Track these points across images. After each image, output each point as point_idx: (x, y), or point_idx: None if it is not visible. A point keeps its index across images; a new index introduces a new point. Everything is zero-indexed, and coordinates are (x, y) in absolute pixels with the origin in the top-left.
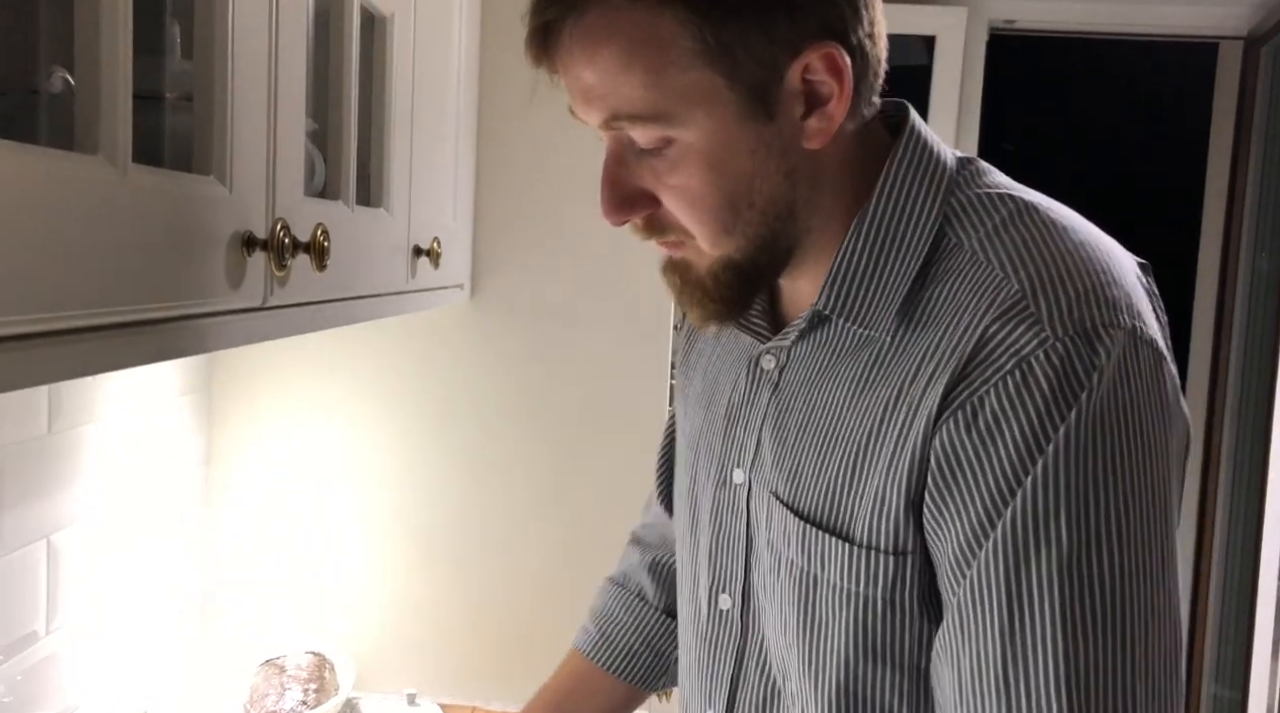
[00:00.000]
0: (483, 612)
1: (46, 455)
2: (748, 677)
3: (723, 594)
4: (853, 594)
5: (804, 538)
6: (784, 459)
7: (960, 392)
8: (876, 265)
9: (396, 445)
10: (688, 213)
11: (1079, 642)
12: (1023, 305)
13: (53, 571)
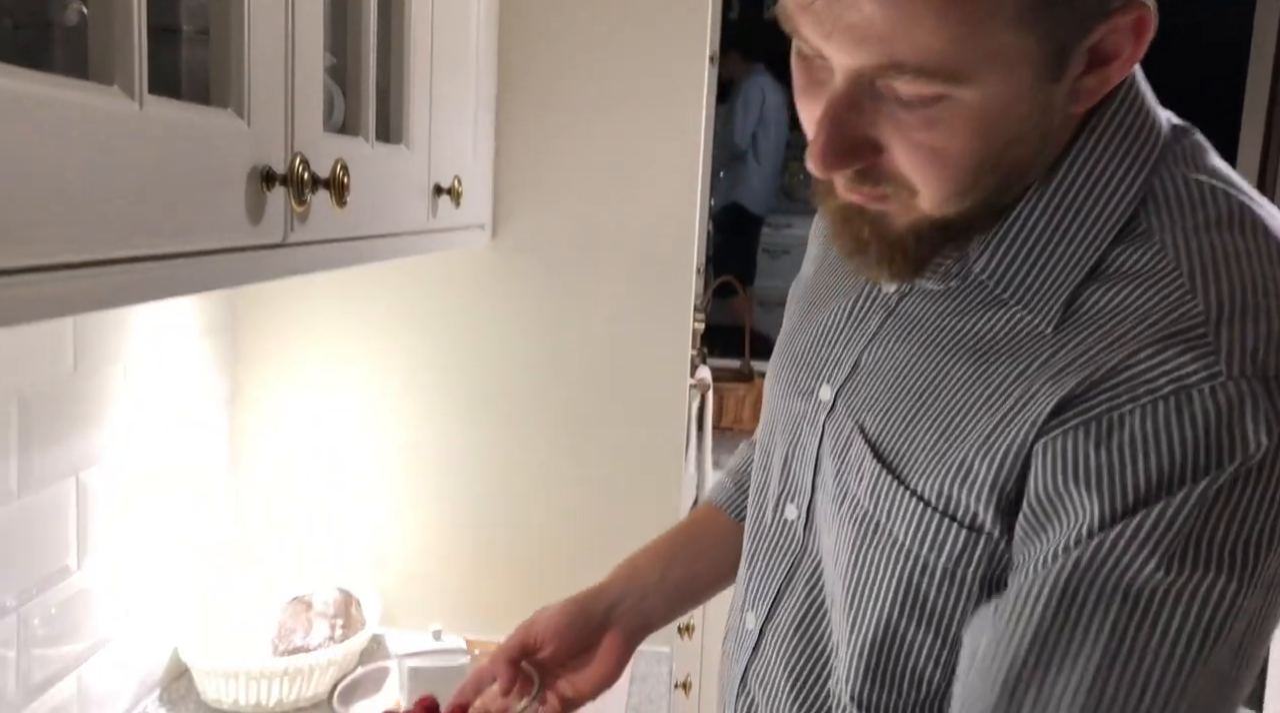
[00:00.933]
0: (505, 550)
1: (73, 394)
2: (795, 590)
3: (790, 504)
4: (911, 554)
5: (877, 482)
6: (878, 394)
7: (1096, 402)
8: (1052, 241)
9: (418, 387)
10: (928, 173)
11: (1108, 689)
12: (1200, 332)
13: (82, 507)
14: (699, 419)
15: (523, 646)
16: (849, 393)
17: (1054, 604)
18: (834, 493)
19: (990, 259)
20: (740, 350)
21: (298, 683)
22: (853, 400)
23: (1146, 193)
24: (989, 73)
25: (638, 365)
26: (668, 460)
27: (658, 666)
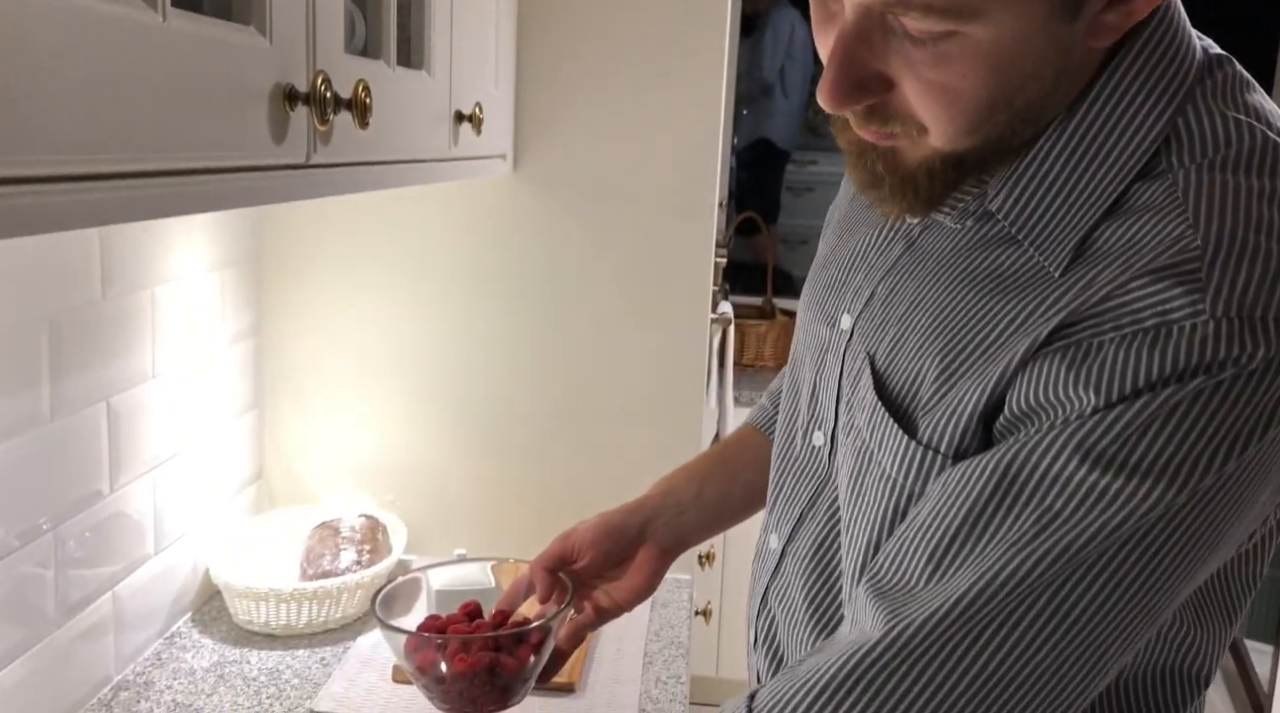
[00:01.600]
0: (528, 479)
1: (102, 321)
2: (816, 514)
3: (817, 431)
4: (898, 484)
5: (874, 413)
6: (890, 326)
7: (1081, 328)
8: (1069, 182)
9: (440, 316)
10: (938, 110)
11: (1021, 569)
12: (1193, 267)
13: (113, 432)
14: (720, 354)
15: (560, 555)
16: (864, 323)
17: (991, 483)
18: (845, 423)
19: (1007, 198)
20: (763, 288)
21: (326, 605)
22: (867, 331)
23: (1170, 131)
24: (1000, 9)
25: (659, 298)
26: (688, 393)
27: (678, 592)
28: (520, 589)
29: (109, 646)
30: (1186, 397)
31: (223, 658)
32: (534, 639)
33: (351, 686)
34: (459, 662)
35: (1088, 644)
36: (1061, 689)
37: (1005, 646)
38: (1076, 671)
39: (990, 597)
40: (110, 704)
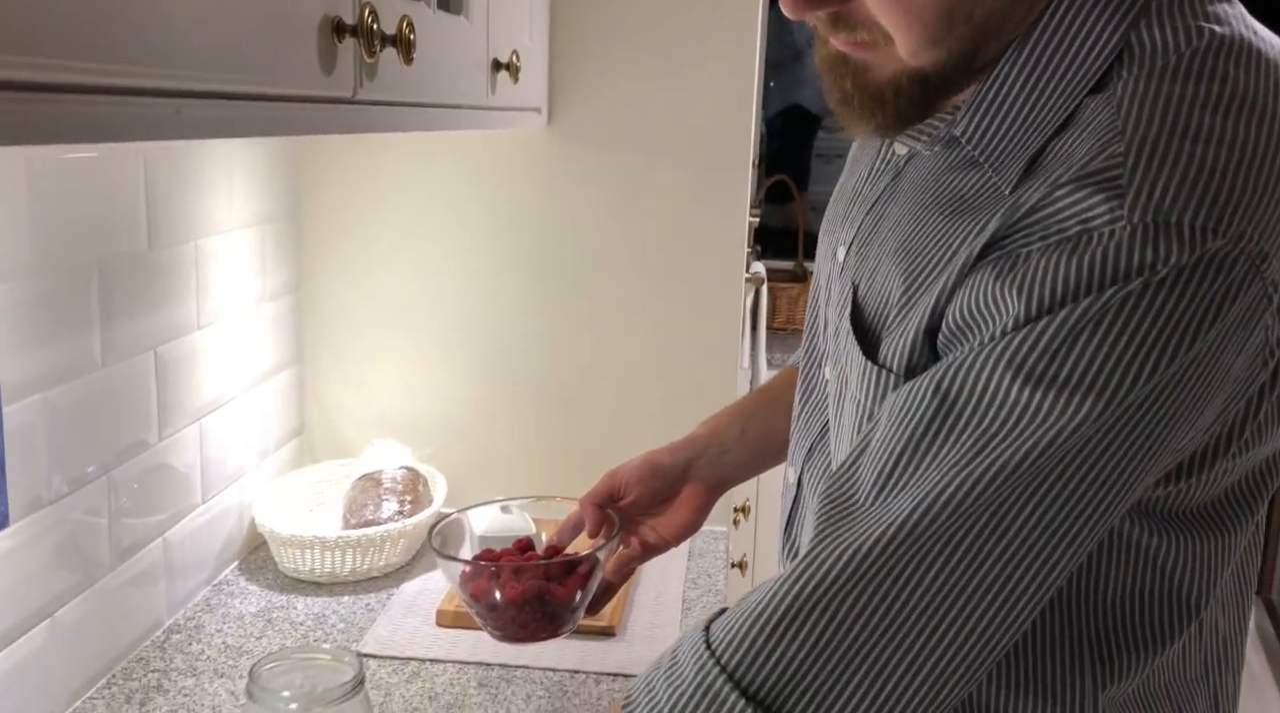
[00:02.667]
0: (566, 433)
1: (148, 270)
2: (827, 446)
3: (827, 366)
4: (862, 407)
5: (846, 338)
6: (870, 252)
7: (1011, 241)
8: (1025, 102)
9: (477, 271)
10: (896, 18)
11: (961, 490)
12: (1115, 174)
13: (161, 381)
14: (753, 315)
15: (607, 492)
16: (853, 254)
17: (932, 405)
18: (832, 356)
19: (970, 121)
20: (794, 252)
21: (369, 554)
22: (853, 260)
23: (1124, 45)
24: None
25: (693, 256)
26: (723, 346)
27: (715, 543)
28: (569, 527)
29: (160, 592)
30: (1111, 306)
31: (270, 604)
32: (583, 570)
33: (396, 630)
34: (510, 589)
35: (1032, 561)
36: (1008, 607)
37: (949, 565)
38: (1023, 588)
39: (933, 518)
40: (164, 646)
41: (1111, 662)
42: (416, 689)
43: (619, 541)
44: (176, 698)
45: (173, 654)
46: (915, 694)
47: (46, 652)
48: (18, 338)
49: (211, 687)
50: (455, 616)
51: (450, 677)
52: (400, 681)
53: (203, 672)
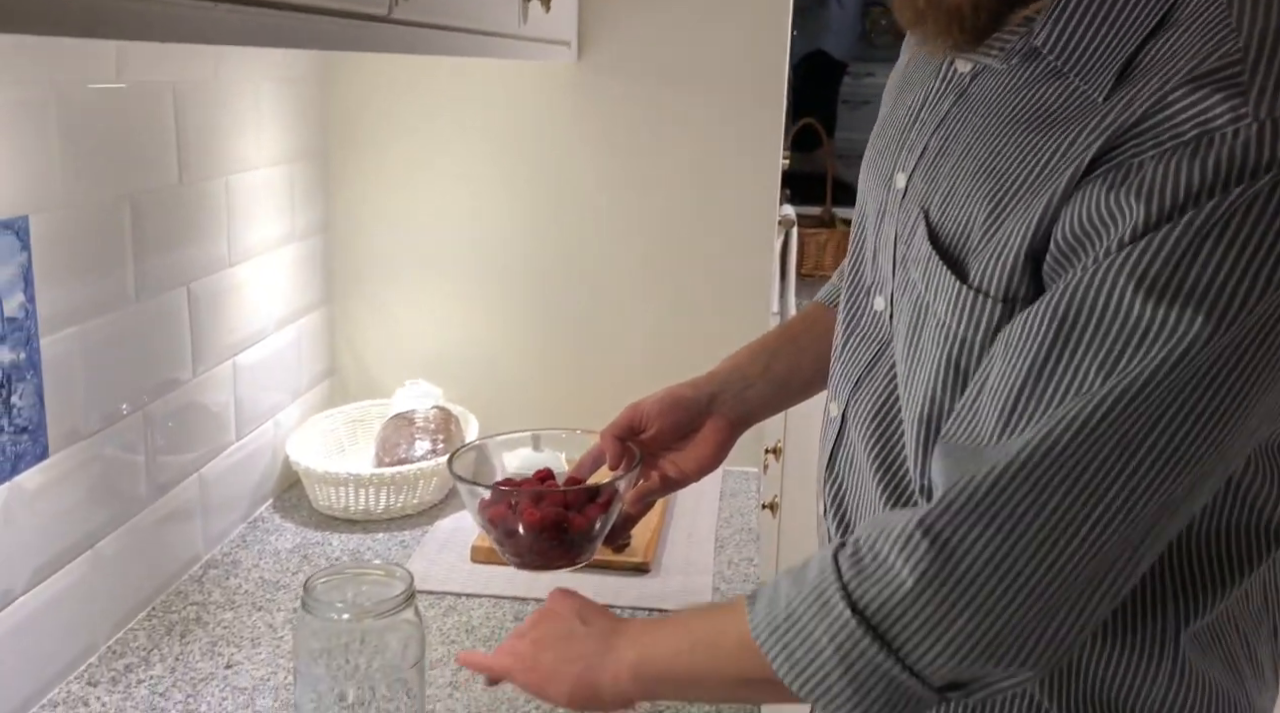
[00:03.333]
0: (596, 373)
1: (179, 205)
2: (875, 377)
3: (879, 296)
4: (952, 332)
5: (928, 264)
6: (940, 176)
7: (1122, 151)
8: (1114, 8)
9: (506, 209)
10: None
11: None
12: (1235, 71)
13: (194, 317)
14: (782, 257)
15: (628, 425)
16: (918, 179)
17: (1051, 332)
18: (899, 281)
19: (1051, 31)
20: (822, 197)
21: (404, 492)
22: (920, 185)
23: None
24: None
25: (726, 195)
26: (755, 291)
27: (746, 484)
28: (590, 459)
29: (197, 528)
30: (1239, 206)
31: (305, 540)
32: (602, 500)
33: (431, 565)
34: (529, 515)
35: (1158, 486)
36: (1133, 534)
37: (1073, 491)
38: (1148, 514)
39: (1055, 444)
40: (201, 580)
41: (1195, 598)
42: (454, 623)
43: (639, 473)
44: (216, 630)
45: (211, 588)
46: (1024, 631)
47: (88, 583)
48: (52, 270)
49: (250, 619)
50: (490, 552)
51: (486, 611)
52: (437, 614)
53: (240, 605)
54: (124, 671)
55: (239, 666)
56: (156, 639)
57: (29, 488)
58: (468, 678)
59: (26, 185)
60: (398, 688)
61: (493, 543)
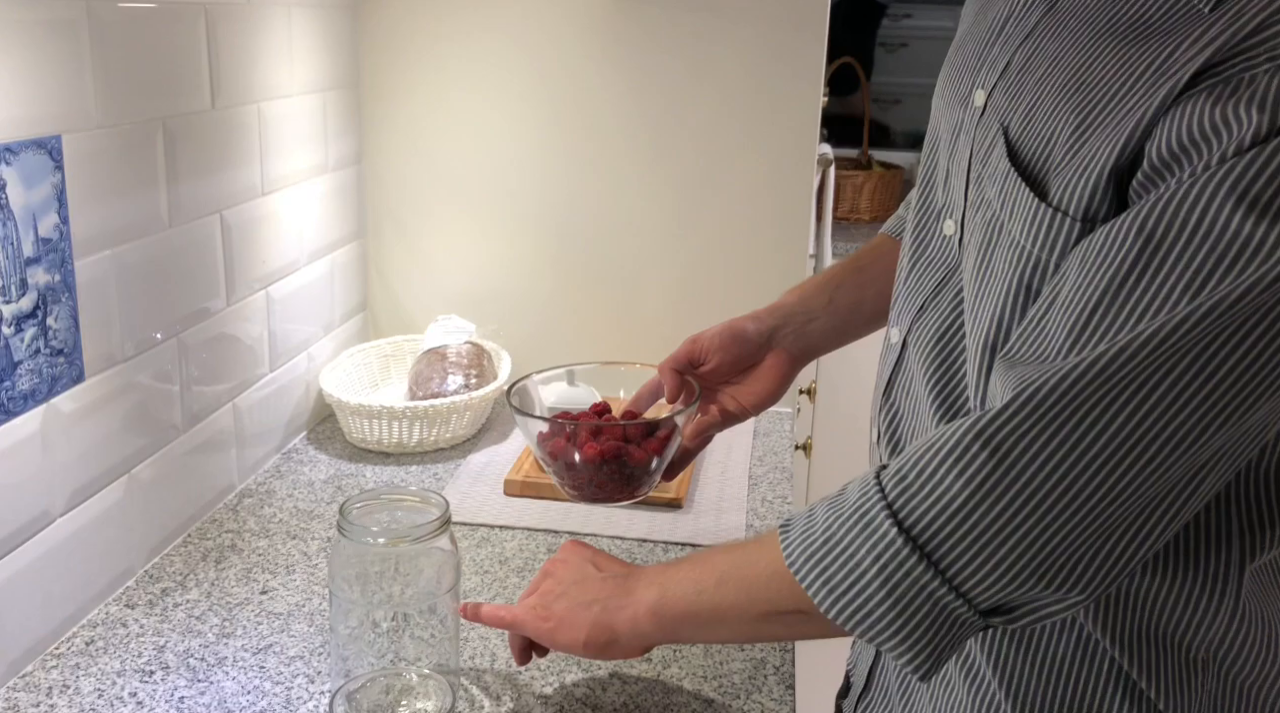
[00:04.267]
0: (628, 305)
1: (212, 131)
2: (940, 303)
3: (948, 219)
4: (1026, 253)
5: (1005, 181)
6: (1025, 90)
7: (1231, 65)
8: None
9: (540, 142)
10: None
11: (1163, 338)
12: None
13: (227, 245)
14: (819, 197)
15: (688, 358)
16: (999, 94)
17: (1135, 246)
18: (973, 200)
19: None
20: (859, 140)
21: (437, 426)
22: (1001, 101)
23: None
24: None
25: (764, 130)
26: (792, 227)
27: (780, 424)
28: (647, 392)
29: (231, 458)
30: None
31: (339, 472)
32: (661, 434)
33: (465, 498)
34: (589, 448)
35: (1233, 410)
36: (1199, 457)
37: (1144, 407)
38: (1218, 439)
39: (1130, 357)
40: (236, 509)
41: (1260, 531)
42: (487, 554)
43: (698, 407)
44: (250, 557)
45: (245, 517)
46: (1077, 551)
47: (125, 508)
48: (85, 192)
49: (284, 547)
50: (523, 485)
51: (519, 543)
52: (470, 545)
53: (275, 533)
54: (160, 594)
55: (274, 592)
56: (192, 565)
57: (65, 411)
58: None
59: (58, 105)
60: (431, 615)
61: (551, 476)
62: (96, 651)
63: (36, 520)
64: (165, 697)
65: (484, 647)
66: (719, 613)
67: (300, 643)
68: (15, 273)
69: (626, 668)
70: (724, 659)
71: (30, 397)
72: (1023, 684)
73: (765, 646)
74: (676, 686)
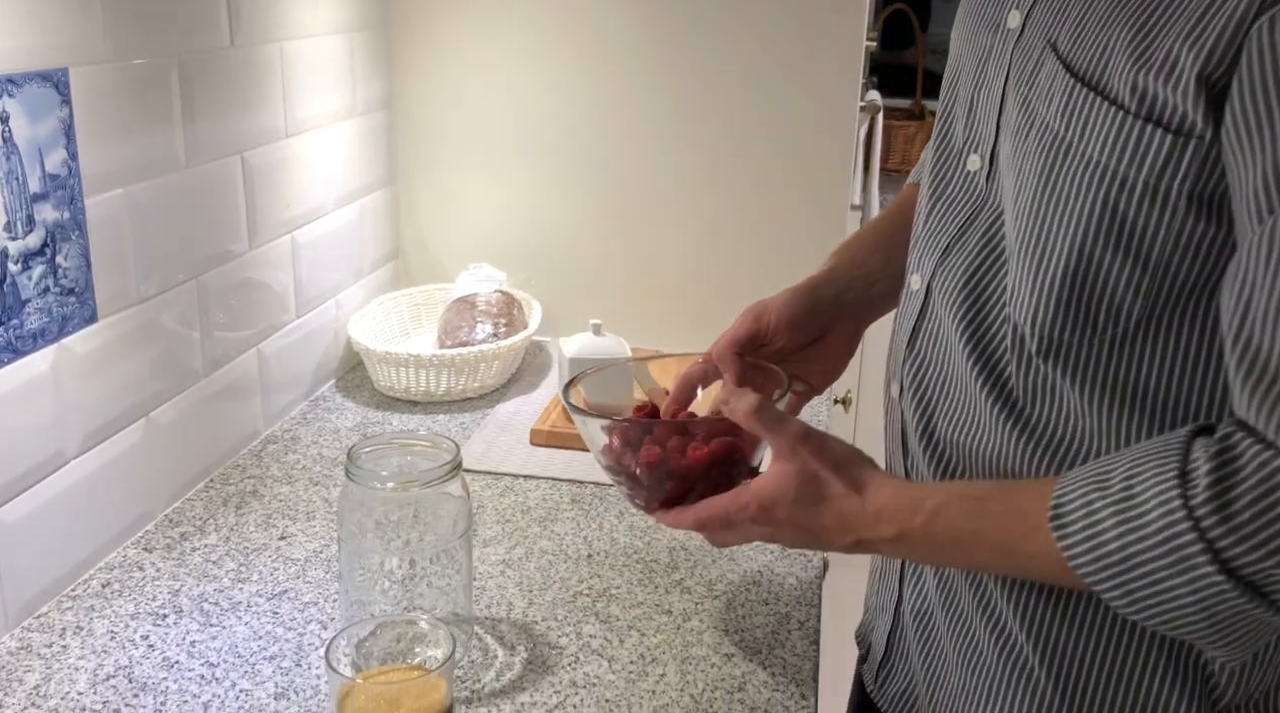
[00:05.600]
0: (660, 253)
1: (230, 69)
2: (966, 244)
3: (972, 154)
4: (1109, 171)
5: (1069, 98)
6: (1070, 4)
7: None
8: None
9: (575, 87)
10: None
11: None
12: None
13: (249, 188)
14: (866, 146)
15: (752, 335)
16: (1039, 13)
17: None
18: (1018, 124)
19: None
20: (912, 90)
21: (464, 375)
22: (1043, 18)
23: None
24: None
25: (804, 75)
26: (833, 177)
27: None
28: (693, 381)
29: (256, 404)
30: None
31: (365, 419)
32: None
33: (491, 446)
34: (694, 450)
35: None
36: None
37: None
38: None
39: None
40: (260, 455)
41: None
42: (510, 503)
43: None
44: (272, 504)
45: (269, 463)
46: None
47: (144, 451)
48: (95, 128)
49: (306, 494)
50: (549, 435)
51: (543, 493)
52: (494, 494)
53: (298, 480)
54: (179, 539)
55: (292, 538)
56: (213, 510)
57: (78, 352)
58: (520, 557)
59: (65, 37)
60: (444, 560)
61: (635, 493)
62: (112, 593)
63: (50, 461)
64: (177, 640)
65: (500, 596)
66: (969, 561)
67: (315, 589)
68: (21, 209)
69: (645, 620)
70: (747, 613)
71: (40, 336)
72: (1059, 650)
73: (790, 600)
74: (696, 638)
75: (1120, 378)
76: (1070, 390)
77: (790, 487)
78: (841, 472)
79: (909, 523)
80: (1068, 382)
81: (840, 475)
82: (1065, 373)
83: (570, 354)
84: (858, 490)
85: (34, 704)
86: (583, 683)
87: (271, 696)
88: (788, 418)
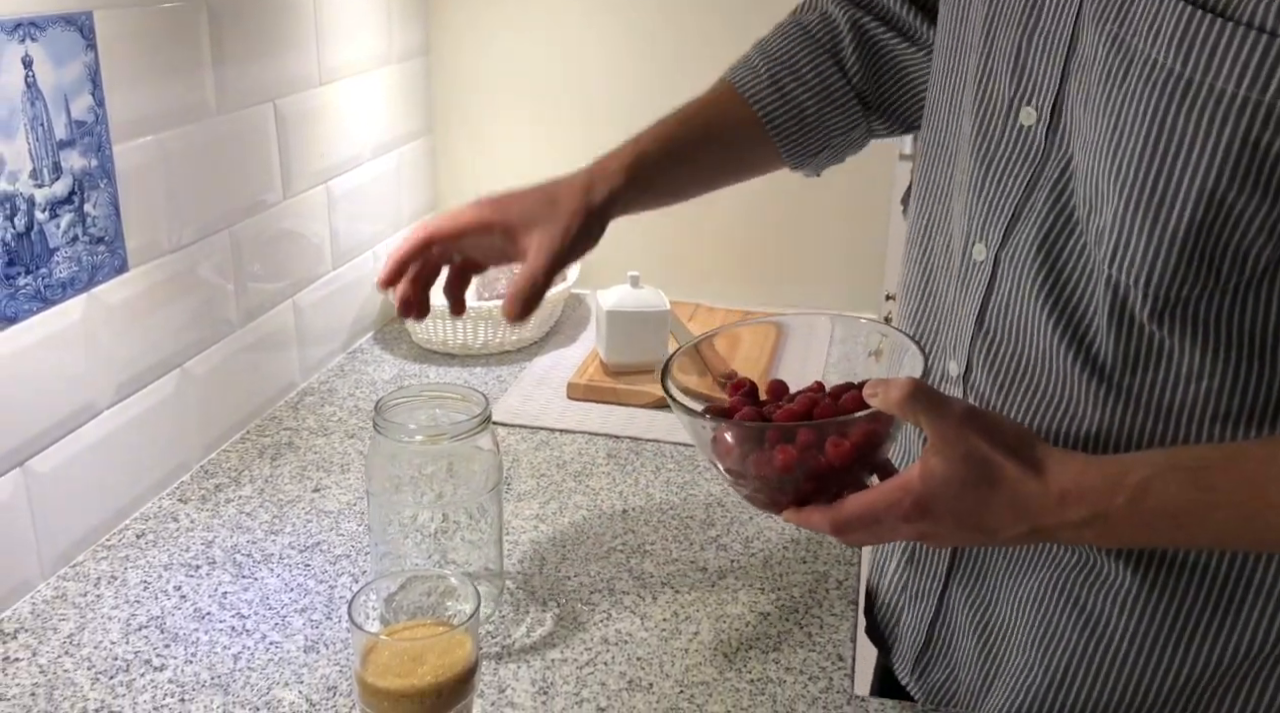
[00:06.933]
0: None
1: (262, 13)
2: (1035, 208)
3: (1025, 107)
4: (1249, 103)
5: (1183, 28)
6: None
7: None
8: None
9: (616, 36)
10: None
11: None
12: None
13: (282, 136)
14: None
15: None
16: None
17: None
18: (1110, 68)
19: None
20: None
21: (501, 327)
22: None
23: None
24: None
25: None
26: None
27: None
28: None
29: (292, 355)
30: None
31: (403, 372)
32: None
33: (527, 400)
34: (834, 446)
35: None
36: None
37: None
38: None
39: None
40: (297, 407)
41: None
42: (545, 457)
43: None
44: (307, 455)
45: (305, 415)
46: None
47: (177, 403)
48: (122, 73)
49: (341, 446)
50: (586, 389)
51: (579, 447)
52: (529, 448)
53: (333, 432)
54: (214, 490)
55: (326, 490)
56: (248, 461)
57: (109, 302)
58: (554, 512)
59: None
60: (474, 514)
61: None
62: (146, 543)
63: (82, 411)
64: (209, 591)
65: (533, 550)
66: (1189, 538)
67: (348, 542)
68: (48, 156)
69: (679, 577)
70: (784, 572)
71: (69, 285)
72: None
73: (828, 559)
74: (731, 596)
75: (1245, 328)
76: (1186, 350)
77: (956, 476)
78: (1016, 453)
79: (1107, 503)
80: (1185, 341)
81: (1015, 458)
82: (1181, 332)
83: (608, 307)
84: (1037, 472)
85: (67, 653)
86: (614, 640)
87: (301, 648)
88: (947, 399)
